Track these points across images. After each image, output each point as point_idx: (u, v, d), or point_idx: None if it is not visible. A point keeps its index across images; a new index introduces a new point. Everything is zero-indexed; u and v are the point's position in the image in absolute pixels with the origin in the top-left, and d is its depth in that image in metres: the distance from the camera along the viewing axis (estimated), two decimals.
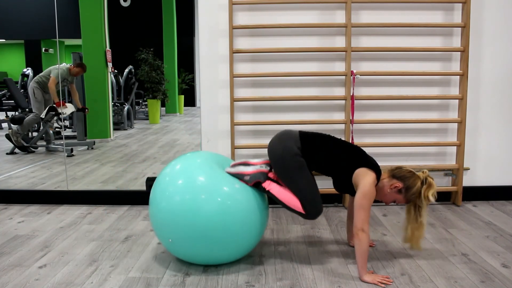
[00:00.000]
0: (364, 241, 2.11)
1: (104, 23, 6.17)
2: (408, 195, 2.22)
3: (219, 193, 2.17)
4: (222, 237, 2.16)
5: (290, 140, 2.30)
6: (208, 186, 2.18)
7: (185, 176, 2.23)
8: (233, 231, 2.18)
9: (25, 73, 7.00)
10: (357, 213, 2.13)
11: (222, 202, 2.15)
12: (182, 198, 2.16)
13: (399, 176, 2.24)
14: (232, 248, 2.24)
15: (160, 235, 2.29)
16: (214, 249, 2.20)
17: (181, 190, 2.18)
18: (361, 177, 2.19)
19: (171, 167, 2.32)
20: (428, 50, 3.33)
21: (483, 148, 3.49)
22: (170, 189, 2.21)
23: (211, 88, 3.40)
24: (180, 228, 2.16)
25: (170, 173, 2.29)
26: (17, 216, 3.25)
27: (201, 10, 3.34)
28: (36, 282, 2.16)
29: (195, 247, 2.19)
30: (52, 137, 5.61)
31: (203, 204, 2.14)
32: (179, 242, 2.21)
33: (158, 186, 2.28)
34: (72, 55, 6.31)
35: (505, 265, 2.31)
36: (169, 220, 2.18)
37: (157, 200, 2.24)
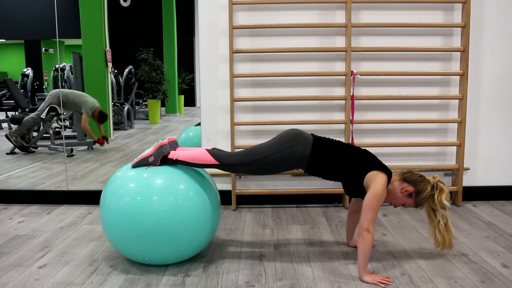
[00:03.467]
0: (368, 242, 2.11)
1: (104, 23, 6.16)
2: (418, 199, 2.24)
3: (169, 192, 2.19)
4: (171, 235, 2.17)
5: (301, 144, 2.27)
6: (159, 186, 2.20)
7: (136, 178, 2.24)
8: (183, 229, 2.19)
9: (25, 73, 7.00)
10: (365, 213, 2.13)
11: (173, 201, 2.17)
12: (133, 200, 2.16)
13: (411, 180, 2.25)
14: (181, 246, 2.25)
15: (110, 237, 2.30)
16: (163, 247, 2.20)
17: (132, 192, 2.19)
18: (373, 179, 2.19)
19: (122, 171, 2.33)
20: (428, 50, 3.33)
21: (483, 148, 3.49)
22: (120, 191, 2.21)
23: (211, 88, 3.40)
24: (128, 228, 2.16)
25: (122, 176, 2.29)
26: (17, 216, 3.25)
27: (201, 10, 3.34)
28: (36, 282, 2.16)
29: (142, 247, 2.20)
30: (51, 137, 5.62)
31: (149, 204, 2.15)
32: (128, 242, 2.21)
33: (109, 188, 2.29)
34: (72, 55, 6.31)
35: (505, 265, 2.31)
36: (117, 220, 2.19)
37: (107, 201, 2.24)
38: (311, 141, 2.29)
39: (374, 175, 2.20)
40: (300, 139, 2.30)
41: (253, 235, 2.81)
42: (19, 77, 7.08)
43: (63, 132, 5.91)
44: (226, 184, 3.43)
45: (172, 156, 2.29)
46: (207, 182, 2.38)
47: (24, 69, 7.06)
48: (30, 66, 7.04)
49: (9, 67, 8.08)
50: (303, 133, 2.34)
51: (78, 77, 6.28)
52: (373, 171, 2.22)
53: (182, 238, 2.21)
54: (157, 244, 2.18)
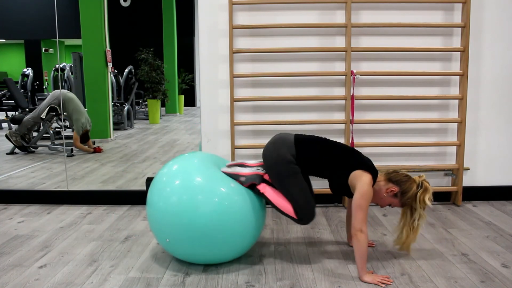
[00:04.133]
0: (363, 242, 2.11)
1: (104, 23, 6.17)
2: (404, 199, 2.23)
3: (216, 193, 2.17)
4: (220, 237, 2.16)
5: (284, 147, 2.29)
6: (205, 186, 2.18)
7: (182, 177, 2.23)
8: (230, 231, 2.18)
9: (25, 73, 7.00)
10: (355, 214, 2.14)
11: (220, 203, 2.15)
12: (179, 198, 2.16)
13: (395, 180, 2.25)
14: (229, 248, 2.24)
15: (158, 235, 2.29)
16: (212, 249, 2.20)
17: (179, 191, 2.18)
18: (358, 179, 2.20)
19: (168, 167, 2.32)
20: (428, 50, 3.33)
21: (483, 148, 3.49)
22: (167, 189, 2.21)
23: (211, 88, 3.40)
24: (177, 228, 2.16)
25: (168, 173, 2.29)
26: (17, 216, 3.25)
27: (201, 10, 3.34)
28: (36, 282, 2.16)
29: (193, 247, 2.19)
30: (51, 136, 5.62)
31: (200, 204, 2.14)
32: (177, 242, 2.21)
33: (155, 186, 2.28)
34: (72, 55, 6.32)
35: (505, 265, 2.31)
36: (166, 220, 2.18)
37: (155, 200, 2.24)
38: (293, 141, 2.31)
39: (359, 174, 2.21)
40: (278, 142, 2.32)
41: None
42: (19, 77, 7.09)
43: (63, 132, 5.91)
44: None
45: (260, 188, 2.29)
46: None
47: (24, 69, 7.06)
48: (30, 66, 7.04)
49: (9, 67, 8.09)
50: (282, 136, 2.36)
51: (78, 77, 6.29)
52: (357, 170, 2.23)
53: (233, 240, 2.22)
54: (209, 245, 2.18)
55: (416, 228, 2.26)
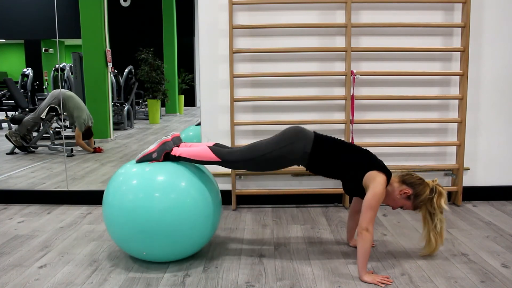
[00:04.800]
0: (368, 241, 2.11)
1: (104, 23, 6.17)
2: (417, 202, 2.24)
3: (170, 189, 2.20)
4: (171, 232, 2.18)
5: (301, 141, 2.28)
6: (160, 183, 2.21)
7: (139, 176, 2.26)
8: (185, 226, 2.20)
9: (25, 73, 7.00)
10: (364, 212, 2.14)
11: (175, 198, 2.19)
12: (135, 196, 2.18)
13: (409, 182, 2.25)
14: (184, 243, 2.26)
15: (113, 235, 2.32)
16: (163, 244, 2.21)
17: (134, 189, 2.21)
18: (372, 179, 2.19)
19: (125, 168, 2.35)
20: (428, 50, 3.33)
21: (483, 148, 3.49)
22: (123, 188, 2.23)
23: (211, 88, 3.40)
24: (131, 224, 2.18)
25: (124, 173, 2.31)
26: (17, 216, 3.25)
27: (201, 10, 3.34)
28: (36, 282, 2.16)
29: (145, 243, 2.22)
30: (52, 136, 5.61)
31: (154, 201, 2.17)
32: (132, 239, 2.23)
33: (111, 186, 2.31)
34: (72, 55, 6.32)
35: (505, 265, 2.31)
36: (120, 217, 2.21)
37: (110, 199, 2.26)
38: (312, 139, 2.30)
39: (374, 175, 2.21)
40: (301, 136, 2.30)
41: (253, 235, 2.81)
42: (19, 77, 7.08)
43: (63, 132, 5.91)
44: (226, 184, 3.43)
45: (174, 153, 2.33)
46: (208, 180, 2.39)
47: (24, 69, 7.06)
48: (30, 66, 7.04)
49: (9, 67, 8.08)
50: (305, 130, 2.34)
51: (78, 77, 6.29)
52: (372, 171, 2.23)
53: (182, 235, 2.22)
54: (157, 240, 2.18)
55: (441, 232, 2.29)
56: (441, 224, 2.27)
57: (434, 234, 2.30)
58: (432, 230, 2.30)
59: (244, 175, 3.47)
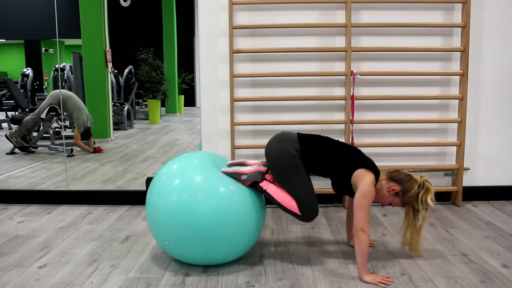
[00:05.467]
0: (364, 241, 2.11)
1: (104, 23, 6.17)
2: (405, 198, 2.23)
3: (215, 193, 2.17)
4: (219, 238, 2.16)
5: (288, 142, 2.30)
6: (204, 186, 2.18)
7: (181, 176, 2.22)
8: (230, 232, 2.17)
9: (25, 73, 7.00)
10: (356, 213, 2.13)
11: (219, 203, 2.15)
12: (178, 198, 2.15)
13: (397, 179, 2.25)
14: (229, 249, 2.23)
15: (157, 236, 2.29)
16: (211, 250, 2.20)
17: (178, 190, 2.18)
18: (360, 178, 2.20)
19: (168, 167, 2.32)
20: (428, 50, 3.33)
21: (483, 148, 3.49)
22: (166, 189, 2.21)
23: (211, 88, 3.40)
24: (176, 229, 2.15)
25: (167, 173, 2.28)
26: (17, 216, 3.25)
27: (201, 10, 3.34)
28: (36, 282, 2.16)
29: (192, 248, 2.19)
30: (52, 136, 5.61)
31: (200, 204, 2.13)
32: (176, 243, 2.20)
33: (155, 186, 2.28)
34: (72, 55, 6.32)
35: (505, 265, 2.31)
36: (165, 220, 2.18)
37: (154, 200, 2.24)
38: (296, 136, 2.33)
39: (362, 173, 2.21)
40: (282, 138, 2.33)
41: None
42: (19, 77, 7.08)
43: (63, 132, 5.91)
44: None
45: (263, 186, 2.28)
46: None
47: (24, 69, 7.06)
48: (30, 66, 7.04)
49: (9, 67, 8.08)
50: (285, 133, 2.38)
51: (78, 77, 6.28)
52: (360, 169, 2.23)
53: (233, 240, 2.22)
54: (210, 247, 2.18)
55: (419, 229, 2.27)
56: (422, 222, 2.24)
57: (411, 230, 2.29)
58: (410, 225, 2.29)
59: None
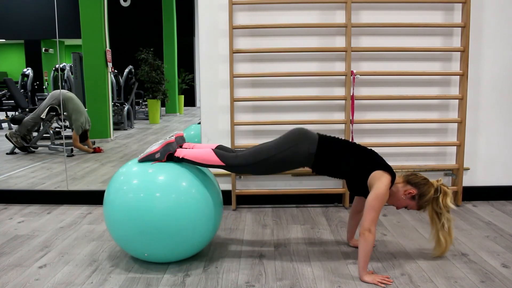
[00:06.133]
0: (370, 242, 2.11)
1: (104, 23, 6.17)
2: (421, 202, 2.24)
3: (169, 190, 2.20)
4: (172, 232, 2.18)
5: (306, 142, 2.28)
6: (162, 183, 2.21)
7: (139, 174, 2.26)
8: (185, 227, 2.20)
9: (25, 73, 7.00)
10: (367, 213, 2.13)
11: (176, 198, 2.19)
12: (136, 196, 2.18)
13: (414, 182, 2.25)
14: (185, 244, 2.26)
15: (114, 234, 2.32)
16: (164, 244, 2.21)
17: (135, 189, 2.21)
18: (377, 179, 2.19)
19: (127, 167, 2.35)
20: (428, 50, 3.33)
21: (483, 148, 3.49)
22: (124, 187, 2.23)
23: (211, 88, 3.41)
24: (132, 224, 2.18)
25: (125, 173, 2.31)
26: (17, 216, 3.25)
27: (201, 10, 3.34)
28: (36, 282, 2.16)
29: (148, 244, 2.21)
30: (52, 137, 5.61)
31: (153, 202, 2.17)
32: (133, 239, 2.23)
33: (112, 186, 2.30)
34: (72, 55, 6.32)
35: (505, 265, 2.31)
36: (121, 218, 2.20)
37: (111, 199, 2.27)
38: (317, 140, 2.30)
39: (379, 175, 2.20)
40: (305, 137, 2.30)
41: (253, 235, 2.81)
42: (19, 77, 7.09)
43: (63, 132, 5.91)
44: (226, 184, 3.43)
45: (178, 154, 2.32)
46: (209, 181, 2.39)
47: (24, 69, 7.06)
48: (30, 66, 7.04)
49: (9, 67, 8.09)
50: (308, 132, 2.34)
51: (78, 77, 6.29)
52: (378, 170, 2.22)
53: (183, 236, 2.21)
54: (158, 241, 2.18)
55: (449, 231, 2.29)
56: (448, 223, 2.26)
57: (443, 234, 2.30)
58: (441, 229, 2.29)
59: (244, 175, 3.47)
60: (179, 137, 2.40)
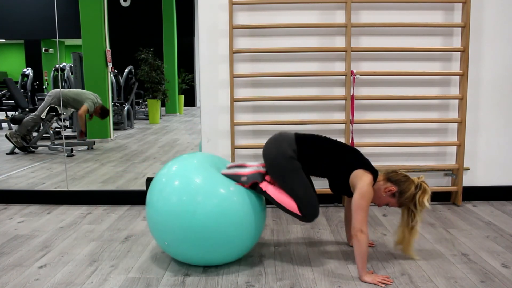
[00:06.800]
0: (363, 242, 2.11)
1: (104, 23, 6.17)
2: (402, 199, 2.23)
3: (215, 194, 2.17)
4: (219, 239, 2.16)
5: (285, 142, 2.30)
6: (204, 187, 2.17)
7: (181, 177, 2.22)
8: (230, 232, 2.17)
9: (25, 73, 7.01)
10: (355, 214, 2.13)
11: (218, 204, 2.15)
12: (179, 199, 2.15)
13: (394, 180, 2.24)
14: (229, 249, 2.23)
15: (157, 236, 2.29)
16: (211, 251, 2.19)
17: (178, 191, 2.18)
18: (359, 178, 2.19)
19: (168, 168, 2.32)
20: (428, 50, 3.33)
21: (483, 148, 3.49)
22: (167, 190, 2.21)
23: (211, 88, 3.40)
24: (176, 229, 2.15)
25: (167, 174, 2.28)
26: (17, 216, 3.25)
27: (201, 10, 3.34)
28: (36, 282, 2.16)
29: (192, 249, 2.19)
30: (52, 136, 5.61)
31: (200, 205, 2.13)
32: (176, 244, 2.20)
33: (155, 187, 2.28)
34: (72, 55, 6.32)
35: (505, 265, 2.31)
36: (165, 221, 2.18)
37: (154, 201, 2.24)
38: (293, 137, 2.32)
39: (360, 174, 2.21)
40: (279, 138, 2.33)
41: None
42: (19, 77, 7.09)
43: (63, 132, 5.91)
44: None
45: (262, 186, 2.28)
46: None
47: (24, 69, 7.07)
48: (30, 66, 7.05)
49: (9, 67, 8.09)
50: (282, 134, 2.37)
51: (78, 77, 6.28)
52: (358, 169, 2.23)
53: (226, 241, 2.20)
54: (211, 248, 2.18)
55: (413, 230, 2.27)
56: (416, 222, 2.25)
57: (404, 231, 2.30)
58: (405, 225, 2.29)
59: None
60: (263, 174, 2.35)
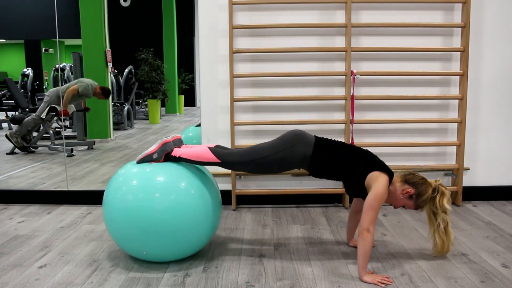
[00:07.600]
0: (368, 242, 2.11)
1: (104, 23, 6.17)
2: (419, 201, 2.24)
3: (169, 190, 2.21)
4: (171, 232, 2.19)
5: (302, 145, 2.28)
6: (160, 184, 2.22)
7: (139, 175, 2.27)
8: (183, 226, 2.20)
9: (25, 73, 7.00)
10: (365, 213, 2.13)
11: (175, 199, 2.19)
12: (135, 196, 2.19)
13: (412, 182, 2.25)
14: (183, 244, 2.26)
15: (114, 235, 2.33)
16: (163, 244, 2.22)
17: (135, 189, 2.21)
18: (374, 180, 2.19)
19: (126, 168, 2.36)
20: (428, 50, 3.33)
21: (483, 148, 3.49)
22: (123, 188, 2.24)
23: (211, 88, 3.41)
24: (132, 224, 2.18)
25: (124, 174, 2.32)
26: (17, 216, 3.25)
27: (201, 10, 3.34)
28: (36, 282, 2.16)
29: (145, 243, 2.22)
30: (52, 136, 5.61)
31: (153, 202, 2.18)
32: (132, 238, 2.24)
33: (111, 186, 2.31)
34: (72, 55, 6.32)
35: (505, 265, 2.31)
36: (121, 217, 2.21)
37: (110, 199, 2.27)
38: (313, 143, 2.30)
39: (376, 175, 2.21)
40: (301, 140, 2.30)
41: (253, 235, 2.81)
42: (19, 77, 7.09)
43: (63, 132, 5.91)
44: (226, 184, 3.43)
45: (175, 154, 2.34)
46: (208, 181, 2.40)
47: (24, 69, 7.06)
48: (30, 66, 7.04)
49: (9, 67, 8.08)
50: (305, 134, 2.34)
51: (78, 77, 6.28)
52: (375, 171, 2.22)
53: (182, 236, 2.22)
54: (157, 240, 2.19)
55: (446, 232, 2.29)
56: (444, 224, 2.26)
57: (439, 234, 2.30)
58: (436, 230, 2.30)
59: (244, 175, 3.47)
60: (177, 140, 2.42)
